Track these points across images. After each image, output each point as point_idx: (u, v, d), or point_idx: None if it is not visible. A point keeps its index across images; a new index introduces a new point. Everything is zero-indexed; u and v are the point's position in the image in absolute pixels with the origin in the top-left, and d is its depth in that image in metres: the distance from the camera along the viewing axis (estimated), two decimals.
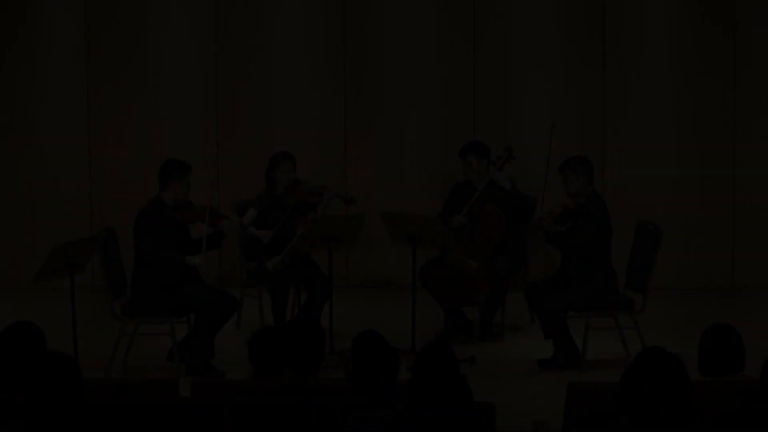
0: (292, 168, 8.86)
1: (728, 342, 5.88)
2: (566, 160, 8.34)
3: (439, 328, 8.93)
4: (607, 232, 8.25)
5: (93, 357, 8.27)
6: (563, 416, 5.87)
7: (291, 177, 8.86)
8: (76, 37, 10.67)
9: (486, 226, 8.89)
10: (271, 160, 8.92)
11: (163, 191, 8.13)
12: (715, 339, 5.89)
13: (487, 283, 8.76)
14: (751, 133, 10.57)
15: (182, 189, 8.12)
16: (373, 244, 10.69)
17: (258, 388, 5.56)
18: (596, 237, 8.14)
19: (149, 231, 8.02)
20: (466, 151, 9.11)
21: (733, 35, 10.49)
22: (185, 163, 8.22)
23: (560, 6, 10.54)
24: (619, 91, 10.58)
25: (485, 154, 9.06)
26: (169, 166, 8.18)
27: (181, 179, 8.12)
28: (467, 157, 9.06)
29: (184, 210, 8.18)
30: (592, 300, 8.14)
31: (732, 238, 10.68)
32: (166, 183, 8.13)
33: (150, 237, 8.00)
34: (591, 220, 8.14)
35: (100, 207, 10.80)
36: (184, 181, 8.13)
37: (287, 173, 8.84)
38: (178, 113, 10.72)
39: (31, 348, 4.84)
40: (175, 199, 8.14)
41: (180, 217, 8.17)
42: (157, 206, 8.10)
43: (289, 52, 10.67)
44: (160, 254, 7.98)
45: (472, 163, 9.03)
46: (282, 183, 8.88)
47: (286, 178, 8.85)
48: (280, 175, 8.85)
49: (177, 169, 8.14)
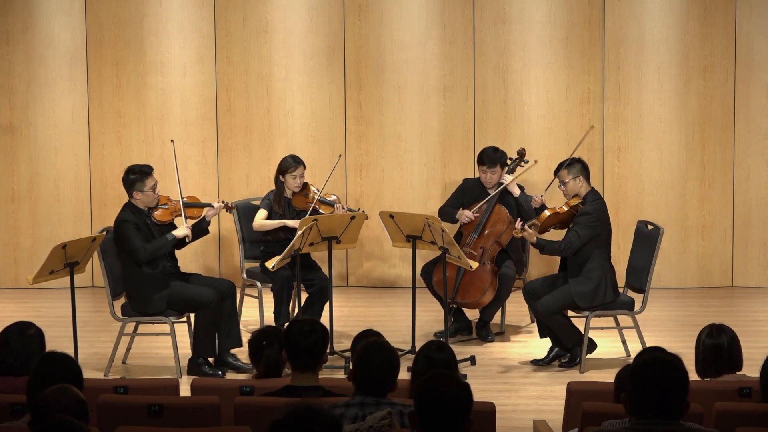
0: (301, 174, 8.88)
1: (723, 343, 5.88)
2: (560, 163, 8.34)
3: (439, 328, 8.93)
4: (606, 232, 8.25)
5: (93, 357, 8.28)
6: (563, 416, 5.87)
7: (300, 182, 8.87)
8: (77, 37, 10.67)
9: (496, 229, 8.87)
10: (279, 165, 8.93)
11: (131, 198, 8.18)
12: (710, 340, 5.89)
13: (492, 287, 8.75)
14: (750, 133, 10.57)
15: (147, 194, 8.15)
16: (373, 244, 10.70)
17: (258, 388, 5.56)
18: (591, 236, 8.12)
19: (131, 231, 8.04)
20: (489, 162, 8.93)
21: (734, 35, 10.49)
22: (143, 168, 8.23)
23: (560, 6, 10.54)
24: (620, 91, 10.57)
25: (503, 165, 9.00)
26: (126, 177, 8.22)
27: (141, 188, 8.14)
28: (492, 168, 8.92)
29: (157, 210, 8.25)
30: (592, 300, 8.14)
31: (732, 238, 10.68)
32: (129, 193, 8.18)
33: (134, 236, 8.02)
34: (583, 220, 8.13)
35: (100, 207, 10.80)
36: (146, 188, 8.14)
37: (296, 178, 8.85)
38: (178, 113, 10.72)
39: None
40: (145, 204, 8.18)
41: (155, 218, 8.23)
42: (130, 212, 8.13)
43: (289, 51, 10.67)
44: (147, 247, 8.01)
45: (495, 174, 8.91)
46: (291, 188, 8.89)
47: (295, 183, 8.86)
48: (290, 180, 8.86)
49: (135, 179, 8.17)
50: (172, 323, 8.03)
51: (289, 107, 10.70)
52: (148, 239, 8.09)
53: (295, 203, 8.89)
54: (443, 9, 10.59)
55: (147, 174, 8.18)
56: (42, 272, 7.51)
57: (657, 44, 10.53)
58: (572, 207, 8.23)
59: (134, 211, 8.14)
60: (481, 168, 8.99)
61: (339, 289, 10.39)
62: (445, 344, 5.39)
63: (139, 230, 8.07)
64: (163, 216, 8.28)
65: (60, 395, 4.36)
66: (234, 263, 10.58)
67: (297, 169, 8.86)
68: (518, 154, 9.11)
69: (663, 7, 10.52)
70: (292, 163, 8.89)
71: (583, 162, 8.34)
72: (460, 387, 4.13)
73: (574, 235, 8.11)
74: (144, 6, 10.64)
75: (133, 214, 8.12)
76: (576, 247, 8.10)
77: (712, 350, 5.87)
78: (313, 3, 10.64)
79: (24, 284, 10.00)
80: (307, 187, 8.94)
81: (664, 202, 10.62)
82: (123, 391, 5.62)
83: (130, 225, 8.05)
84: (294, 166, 8.86)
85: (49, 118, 10.72)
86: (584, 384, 6.32)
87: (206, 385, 5.92)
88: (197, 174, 10.68)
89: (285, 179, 8.88)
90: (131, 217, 8.09)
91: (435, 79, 10.64)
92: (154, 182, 8.19)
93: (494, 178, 8.97)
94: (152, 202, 8.21)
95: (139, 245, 7.99)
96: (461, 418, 4.07)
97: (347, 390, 5.01)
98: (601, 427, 4.45)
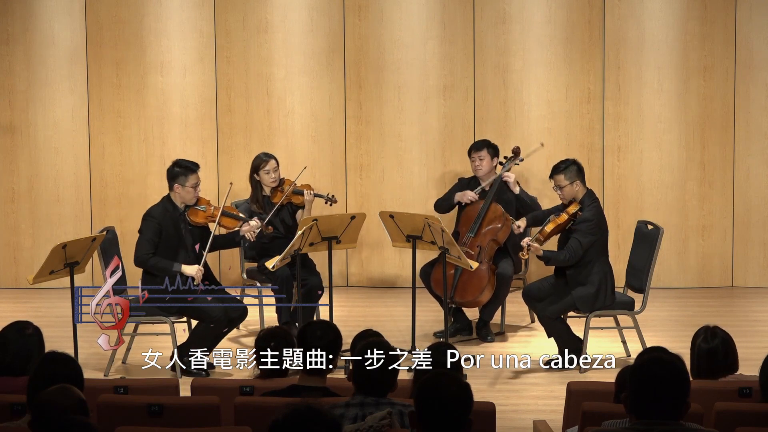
0: (274, 167, 8.88)
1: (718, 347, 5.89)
2: (555, 165, 8.31)
3: (439, 328, 8.92)
4: (604, 236, 8.23)
5: (93, 357, 8.28)
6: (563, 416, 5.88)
7: (275, 176, 8.88)
8: (77, 37, 10.66)
9: (492, 228, 8.88)
10: (252, 163, 8.95)
11: (171, 190, 8.15)
12: (705, 345, 5.90)
13: (490, 286, 8.75)
14: (751, 133, 10.57)
15: (187, 190, 8.11)
16: (373, 244, 10.69)
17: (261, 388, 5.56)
18: (591, 242, 8.10)
19: (149, 231, 8.01)
20: (476, 146, 9.10)
21: (733, 35, 10.49)
22: (189, 164, 8.20)
23: (560, 6, 10.54)
24: (620, 91, 10.57)
25: (495, 153, 9.06)
26: (171, 168, 8.19)
27: (183, 182, 8.11)
28: (479, 153, 9.03)
29: (193, 210, 8.19)
30: (592, 300, 8.14)
31: (732, 238, 10.68)
32: (170, 185, 8.15)
33: (147, 238, 7.99)
34: (584, 227, 8.10)
35: (100, 207, 10.80)
36: (188, 183, 8.11)
37: (270, 173, 8.86)
38: (178, 113, 10.72)
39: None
40: (183, 200, 8.14)
41: (189, 216, 8.18)
42: (164, 206, 8.10)
43: (289, 51, 10.67)
44: (150, 259, 7.98)
45: (483, 160, 9.01)
46: (267, 184, 8.89)
47: (269, 178, 8.86)
48: (264, 176, 8.87)
49: (179, 172, 8.13)
50: (172, 323, 8.03)
51: (289, 107, 10.70)
52: (172, 242, 8.02)
53: (274, 199, 8.89)
54: (443, 9, 10.59)
55: (192, 170, 8.15)
56: (42, 272, 7.50)
57: (657, 44, 10.52)
58: (571, 215, 8.19)
59: (168, 207, 8.09)
60: (470, 158, 9.09)
61: (339, 289, 10.38)
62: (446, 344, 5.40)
63: (161, 234, 8.01)
64: (198, 217, 8.20)
65: (61, 395, 4.36)
66: (234, 263, 10.57)
67: (268, 163, 8.87)
68: (513, 152, 9.14)
69: (663, 7, 10.52)
70: (263, 158, 8.92)
71: (578, 164, 8.29)
72: (460, 387, 4.13)
73: (576, 243, 8.07)
74: (144, 6, 10.64)
75: (165, 210, 8.05)
76: (579, 256, 8.08)
77: (707, 355, 5.87)
78: (313, 3, 10.64)
79: (24, 284, 10.01)
80: (284, 182, 8.95)
81: (664, 202, 10.62)
82: (123, 391, 5.62)
83: (153, 224, 8.01)
84: (265, 161, 8.88)
85: (49, 118, 10.71)
86: (584, 384, 6.32)
87: (206, 385, 5.93)
88: None
89: (260, 177, 8.90)
90: (159, 214, 8.03)
91: (435, 79, 10.64)
92: (197, 180, 8.15)
93: (483, 165, 9.01)
94: (191, 199, 8.16)
95: (144, 252, 7.96)
96: (461, 418, 4.07)
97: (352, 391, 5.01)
98: (601, 427, 4.45)
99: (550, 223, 8.20)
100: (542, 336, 8.42)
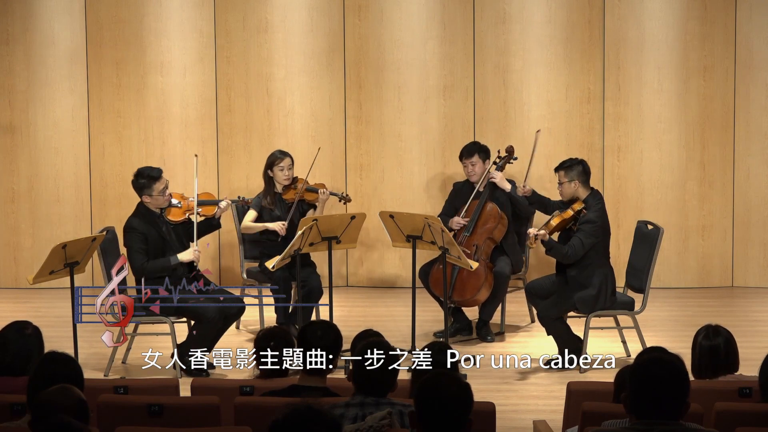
0: (289, 165, 8.92)
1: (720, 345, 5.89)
2: (563, 161, 8.33)
3: (439, 328, 8.92)
4: (606, 238, 8.23)
5: (93, 357, 8.28)
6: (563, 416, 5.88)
7: (289, 174, 8.91)
8: (77, 37, 10.66)
9: (487, 227, 8.90)
10: (267, 159, 9.01)
11: (142, 200, 8.17)
12: (706, 342, 5.90)
13: (488, 284, 8.76)
14: (751, 133, 10.57)
15: (156, 198, 8.14)
16: (373, 244, 10.70)
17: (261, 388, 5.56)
18: (593, 244, 8.10)
19: (135, 244, 8.02)
20: (467, 153, 9.13)
21: (733, 35, 10.49)
22: (152, 172, 8.18)
23: (560, 6, 10.54)
24: (620, 91, 10.57)
25: (486, 156, 9.09)
26: (136, 180, 8.18)
27: (150, 192, 8.12)
28: (470, 159, 9.08)
29: (169, 210, 8.24)
30: (592, 302, 8.13)
31: (732, 238, 10.68)
32: (139, 195, 8.17)
33: (136, 250, 8.00)
34: (588, 228, 8.10)
35: (100, 207, 10.80)
36: (155, 192, 8.12)
37: (284, 170, 8.89)
38: (178, 113, 10.72)
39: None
40: (157, 205, 8.17)
41: (169, 218, 8.22)
42: (141, 215, 8.11)
43: (289, 51, 10.67)
44: (146, 267, 7.98)
45: (475, 165, 9.04)
46: (280, 181, 8.93)
47: (283, 175, 8.90)
48: (278, 173, 8.90)
49: (144, 183, 8.13)
50: (172, 323, 8.03)
51: (289, 107, 10.70)
52: (159, 245, 8.05)
53: (286, 196, 8.94)
54: (443, 9, 10.59)
55: (155, 179, 8.15)
56: (42, 272, 7.50)
57: (657, 44, 10.52)
58: (576, 212, 8.20)
59: (146, 213, 8.13)
60: (462, 164, 9.14)
61: (339, 289, 10.38)
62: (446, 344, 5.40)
63: (147, 241, 8.04)
64: (177, 215, 8.26)
65: (61, 395, 4.36)
66: (234, 263, 10.57)
67: (283, 160, 8.92)
68: (507, 152, 9.15)
69: (663, 7, 10.52)
70: (278, 155, 8.96)
71: (585, 165, 8.28)
72: (460, 387, 4.13)
73: (578, 242, 8.07)
74: (144, 6, 10.64)
75: (144, 217, 8.09)
76: (579, 255, 8.08)
77: (709, 352, 5.87)
78: (313, 3, 10.64)
79: (24, 284, 10.01)
80: (297, 180, 8.99)
81: (664, 202, 10.62)
82: (123, 391, 5.62)
83: (137, 235, 8.03)
84: (280, 158, 8.92)
85: (49, 118, 10.71)
86: (584, 384, 6.32)
87: (206, 385, 5.93)
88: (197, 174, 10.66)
89: (273, 173, 8.94)
90: (140, 224, 8.06)
91: (435, 79, 10.64)
92: (163, 185, 8.15)
93: (476, 170, 9.04)
94: (163, 203, 8.19)
95: (139, 264, 7.98)
96: (461, 418, 4.08)
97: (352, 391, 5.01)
98: (601, 427, 4.46)
99: (556, 218, 8.21)
100: (542, 336, 8.42)
